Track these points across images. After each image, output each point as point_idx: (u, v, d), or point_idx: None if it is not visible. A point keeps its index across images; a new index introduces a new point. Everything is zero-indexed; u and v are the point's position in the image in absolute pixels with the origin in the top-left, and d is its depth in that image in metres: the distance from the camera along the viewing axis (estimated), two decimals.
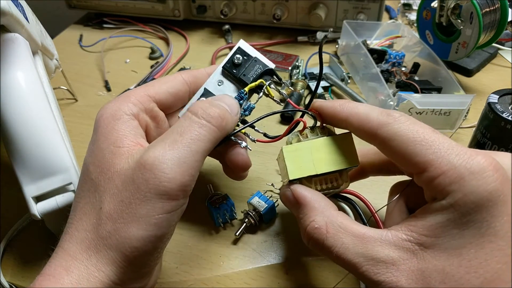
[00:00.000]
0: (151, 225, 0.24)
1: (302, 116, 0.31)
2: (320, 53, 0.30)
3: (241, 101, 0.32)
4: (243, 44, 0.33)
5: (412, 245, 0.23)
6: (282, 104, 0.34)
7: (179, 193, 0.25)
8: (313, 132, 0.31)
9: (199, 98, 0.32)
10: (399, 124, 0.25)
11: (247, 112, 0.32)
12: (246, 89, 0.32)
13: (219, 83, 0.33)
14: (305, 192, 0.28)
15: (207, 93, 0.33)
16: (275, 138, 0.32)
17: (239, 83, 0.33)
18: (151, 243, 0.25)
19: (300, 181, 0.30)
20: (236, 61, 0.32)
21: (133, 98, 0.29)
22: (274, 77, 0.33)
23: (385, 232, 0.24)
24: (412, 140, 0.24)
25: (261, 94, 0.32)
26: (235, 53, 0.33)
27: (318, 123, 0.31)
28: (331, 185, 0.30)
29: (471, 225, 0.22)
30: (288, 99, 0.34)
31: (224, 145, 0.32)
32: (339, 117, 0.28)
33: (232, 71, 0.32)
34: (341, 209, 0.37)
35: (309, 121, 0.31)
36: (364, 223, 0.33)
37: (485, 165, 0.22)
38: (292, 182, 0.30)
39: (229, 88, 0.33)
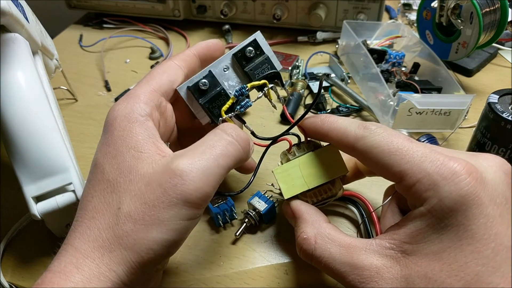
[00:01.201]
0: (171, 230, 0.25)
1: (287, 135, 0.33)
2: (319, 87, 0.31)
3: (241, 97, 0.32)
4: (259, 36, 0.33)
5: (395, 252, 0.24)
6: (276, 109, 0.35)
7: (202, 203, 0.26)
8: (300, 148, 0.33)
9: (201, 79, 0.32)
10: (374, 136, 0.26)
11: (242, 109, 0.32)
12: (249, 85, 0.32)
13: (225, 69, 0.33)
14: (300, 206, 0.31)
15: (211, 76, 0.32)
16: (260, 142, 0.33)
17: (244, 76, 0.33)
18: (167, 248, 0.25)
19: (297, 197, 0.32)
20: (247, 54, 0.32)
21: (143, 97, 0.29)
22: (278, 82, 0.33)
23: (370, 241, 0.25)
24: (387, 151, 0.25)
25: (261, 94, 0.32)
26: (249, 44, 0.32)
27: (303, 139, 0.32)
28: (326, 195, 0.31)
29: (449, 229, 0.22)
30: (284, 105, 0.35)
31: None
32: (321, 133, 0.30)
33: (241, 62, 0.32)
34: (346, 213, 0.37)
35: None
36: (366, 224, 0.34)
37: (458, 170, 0.23)
38: (289, 200, 0.32)
39: (233, 77, 0.33)
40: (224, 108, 0.32)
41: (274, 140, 0.33)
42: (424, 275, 0.23)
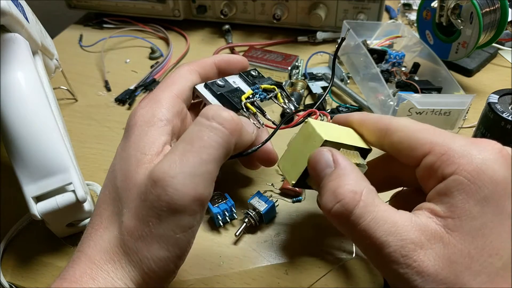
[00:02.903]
0: (171, 245, 0.24)
1: (310, 114, 0.33)
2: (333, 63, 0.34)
3: (256, 90, 0.34)
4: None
5: (440, 228, 0.22)
6: (288, 111, 0.36)
7: (195, 208, 0.24)
8: None
9: (217, 80, 0.34)
10: (405, 120, 0.27)
11: (261, 97, 0.34)
12: (262, 86, 0.35)
13: (234, 83, 0.35)
14: (343, 158, 0.26)
15: (225, 80, 0.35)
16: (282, 126, 0.33)
17: (253, 86, 0.35)
18: (172, 264, 0.24)
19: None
20: (252, 72, 0.37)
21: (165, 102, 0.28)
22: (284, 92, 0.36)
23: (412, 216, 0.23)
24: (419, 129, 0.26)
25: (272, 95, 0.35)
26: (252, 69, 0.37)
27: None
28: (355, 163, 0.28)
29: (490, 201, 0.21)
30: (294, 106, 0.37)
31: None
32: (357, 122, 0.30)
33: (247, 78, 0.36)
34: None
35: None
36: None
37: (491, 145, 0.23)
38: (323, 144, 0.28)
39: (243, 86, 0.35)
40: (244, 96, 0.33)
41: (295, 113, 0.34)
42: (467, 253, 0.21)
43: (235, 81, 0.35)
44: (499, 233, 0.21)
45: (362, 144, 0.30)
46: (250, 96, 0.33)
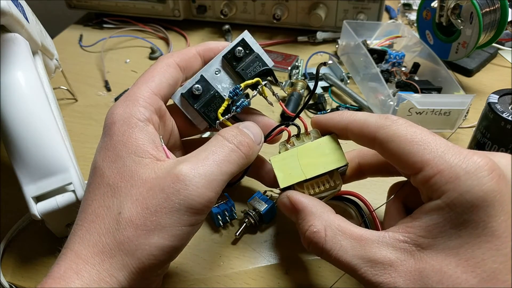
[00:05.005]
0: (173, 236, 0.25)
1: (287, 126, 0.32)
2: (317, 74, 0.32)
3: (236, 97, 0.32)
4: (247, 36, 0.32)
5: (410, 246, 0.24)
6: (273, 106, 0.34)
7: (204, 208, 0.26)
8: (299, 139, 0.32)
9: (194, 84, 0.32)
10: (397, 126, 0.26)
11: (239, 109, 0.32)
12: (242, 85, 0.32)
13: (216, 72, 0.32)
14: (302, 198, 0.29)
15: (203, 81, 0.32)
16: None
17: (236, 76, 0.33)
18: (168, 254, 0.25)
19: (292, 187, 0.31)
20: (237, 54, 0.32)
21: (142, 101, 0.29)
22: (271, 78, 0.33)
23: (382, 234, 0.25)
24: (409, 140, 0.25)
25: (256, 93, 0.32)
26: (237, 44, 0.32)
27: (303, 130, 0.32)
28: (324, 188, 0.30)
29: (468, 225, 0.22)
30: (280, 101, 0.34)
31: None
32: (339, 127, 0.29)
33: (231, 63, 0.32)
34: (345, 211, 0.37)
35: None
36: (366, 224, 0.34)
37: (481, 165, 0.22)
38: (284, 190, 0.31)
39: (225, 79, 0.33)
40: (220, 110, 0.32)
41: (271, 131, 0.32)
42: (439, 269, 0.22)
43: (217, 72, 0.32)
44: (475, 253, 0.22)
45: (334, 164, 0.30)
46: (229, 104, 0.32)
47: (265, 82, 0.32)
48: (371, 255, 0.24)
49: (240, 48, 0.32)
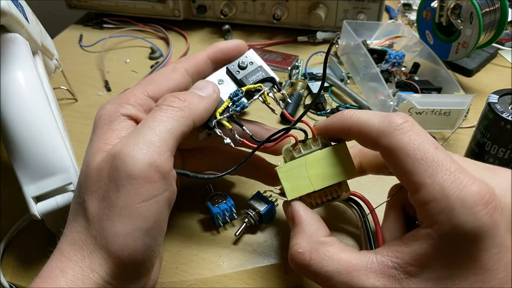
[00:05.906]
0: (133, 217, 0.24)
1: (288, 130, 0.31)
2: (326, 55, 0.29)
3: (235, 98, 0.32)
4: (251, 53, 0.34)
5: (398, 273, 0.23)
6: (276, 114, 0.34)
7: (152, 174, 0.24)
8: (306, 145, 0.30)
9: None
10: (400, 135, 0.24)
11: (238, 108, 0.31)
12: (244, 88, 0.32)
13: (220, 82, 0.33)
14: (301, 212, 0.28)
15: None
16: (259, 145, 0.31)
17: (239, 85, 0.33)
18: (139, 239, 0.24)
19: (300, 197, 0.30)
20: (241, 63, 0.33)
21: (132, 100, 0.29)
22: (275, 86, 0.33)
23: (371, 259, 0.24)
24: (412, 156, 0.23)
25: (257, 97, 0.32)
26: (242, 57, 0.33)
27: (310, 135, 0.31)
28: (331, 197, 0.30)
29: (458, 257, 0.22)
30: (284, 110, 0.34)
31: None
32: (342, 132, 0.29)
33: (235, 72, 0.33)
34: (346, 211, 0.37)
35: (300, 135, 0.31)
36: (366, 223, 0.34)
37: (479, 197, 0.21)
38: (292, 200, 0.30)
39: (229, 89, 0.33)
40: (220, 110, 0.31)
41: (274, 135, 0.31)
42: None
43: (220, 84, 0.33)
44: (462, 284, 0.22)
45: (344, 175, 0.29)
46: (229, 105, 0.31)
47: (267, 89, 0.32)
48: (359, 283, 0.24)
49: (244, 60, 0.33)
